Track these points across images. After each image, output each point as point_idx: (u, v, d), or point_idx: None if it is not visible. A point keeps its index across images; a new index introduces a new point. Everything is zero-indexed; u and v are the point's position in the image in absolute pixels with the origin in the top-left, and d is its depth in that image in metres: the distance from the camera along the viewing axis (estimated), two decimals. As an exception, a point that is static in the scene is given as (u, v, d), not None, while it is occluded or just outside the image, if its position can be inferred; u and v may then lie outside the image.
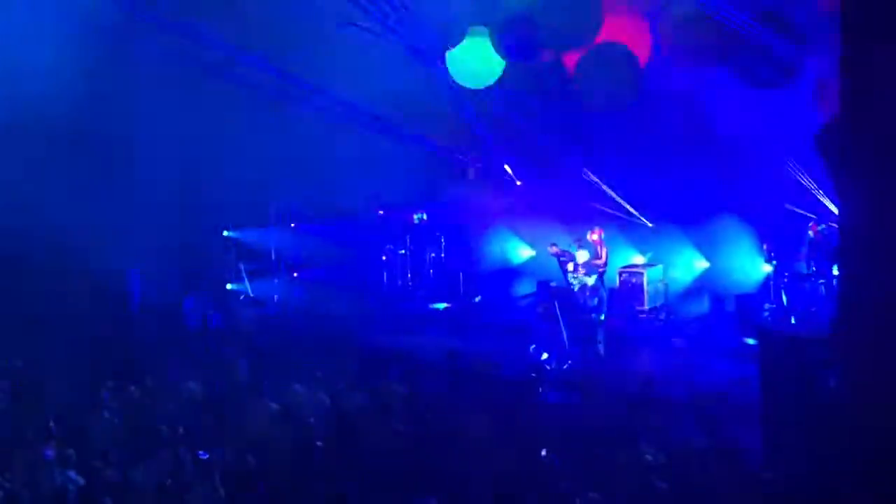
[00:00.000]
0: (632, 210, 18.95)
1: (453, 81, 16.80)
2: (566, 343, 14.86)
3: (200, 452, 9.94)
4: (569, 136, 18.91)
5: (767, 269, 17.22)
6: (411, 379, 12.43)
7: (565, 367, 14.48)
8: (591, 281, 16.57)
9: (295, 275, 20.85)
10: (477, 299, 19.55)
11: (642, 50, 15.59)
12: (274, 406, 11.62)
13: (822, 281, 16.03)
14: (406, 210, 20.79)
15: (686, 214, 18.23)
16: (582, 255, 16.57)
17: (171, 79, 17.50)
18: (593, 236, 17.26)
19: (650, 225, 19.01)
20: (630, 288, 17.45)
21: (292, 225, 20.89)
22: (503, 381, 13.51)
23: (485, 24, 15.92)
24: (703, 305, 17.70)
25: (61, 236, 16.08)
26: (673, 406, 11.71)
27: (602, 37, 15.45)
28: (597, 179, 18.95)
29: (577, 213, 18.79)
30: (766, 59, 14.04)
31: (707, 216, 17.93)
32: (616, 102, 15.60)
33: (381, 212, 21.08)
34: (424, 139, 19.54)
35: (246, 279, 20.11)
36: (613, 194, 18.95)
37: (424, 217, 20.64)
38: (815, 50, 13.91)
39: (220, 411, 11.74)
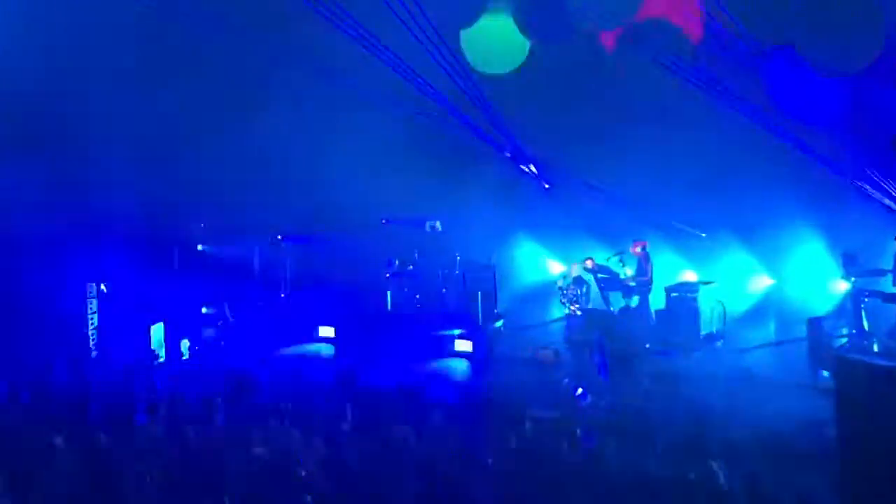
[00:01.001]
0: (681, 218, 19.17)
1: (470, 66, 17.12)
2: (605, 376, 14.86)
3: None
4: (605, 129, 19.03)
5: (844, 286, 17.24)
6: (421, 422, 12.29)
7: (604, 404, 14.17)
8: (633, 302, 16.76)
9: (282, 295, 20.92)
10: (499, 324, 19.57)
11: (693, 27, 15.83)
12: (259, 453, 11.42)
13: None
14: (415, 219, 20.84)
15: (746, 222, 18.34)
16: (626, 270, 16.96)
17: (130, 69, 17.98)
18: (636, 249, 17.59)
19: (703, 235, 19.16)
20: (681, 310, 17.50)
21: (279, 238, 21.03)
22: (530, 423, 13.09)
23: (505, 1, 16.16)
24: (767, 331, 17.82)
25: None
26: (732, 452, 11.30)
27: (646, 12, 15.67)
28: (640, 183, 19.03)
29: (617, 221, 18.89)
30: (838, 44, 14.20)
31: (771, 224, 18.05)
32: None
33: (385, 221, 21.13)
34: (437, 134, 19.79)
35: (225, 303, 19.92)
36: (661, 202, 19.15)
37: (438, 226, 20.66)
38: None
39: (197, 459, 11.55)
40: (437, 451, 11.01)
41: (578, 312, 16.36)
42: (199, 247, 20.67)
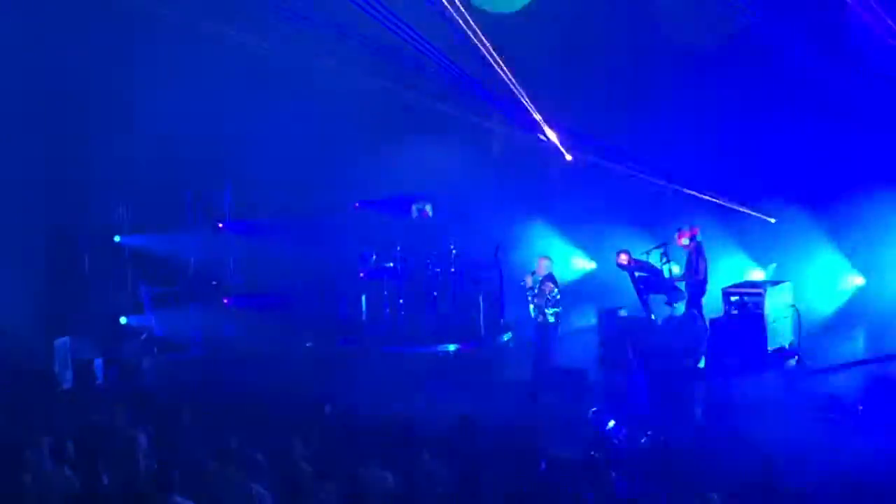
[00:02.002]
0: (741, 197, 18.94)
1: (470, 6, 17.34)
2: (645, 404, 14.71)
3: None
4: (643, 89, 19.09)
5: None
6: (405, 462, 11.86)
7: (644, 441, 13.88)
8: (680, 309, 16.59)
9: (226, 301, 20.62)
10: (506, 338, 19.45)
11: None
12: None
13: None
14: (399, 201, 20.62)
15: (827, 203, 18.28)
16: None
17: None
18: (684, 240, 17.18)
19: (771, 221, 18.97)
20: (743, 318, 17.16)
21: (220, 226, 20.80)
22: (547, 465, 12.47)
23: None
24: (856, 345, 17.67)
25: None
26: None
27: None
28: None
29: (659, 204, 19.12)
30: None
31: (862, 204, 17.91)
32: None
33: (358, 204, 20.94)
34: (428, 94, 19.75)
35: (150, 309, 19.85)
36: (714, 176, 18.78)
37: (428, 210, 20.40)
38: None
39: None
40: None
41: (552, 319, 16.16)
42: (117, 238, 20.23)
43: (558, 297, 16.12)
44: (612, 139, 19.60)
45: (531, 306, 16.22)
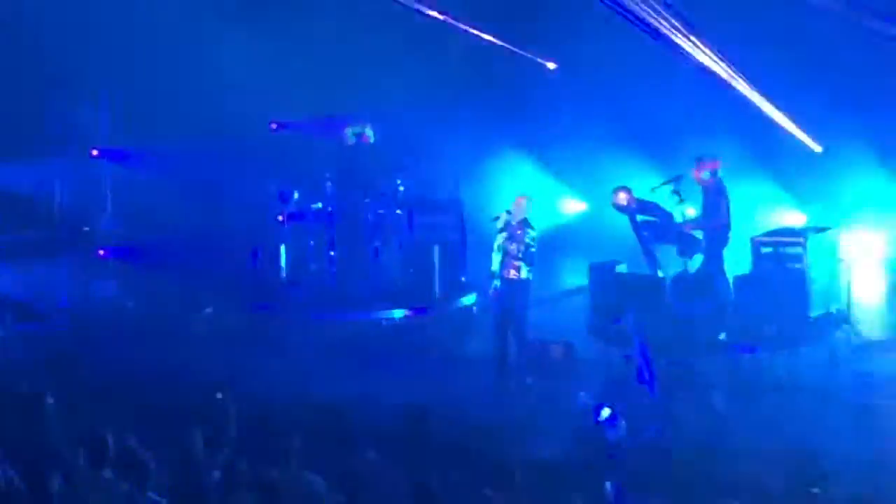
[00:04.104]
0: (781, 118, 18.71)
1: None
2: (650, 389, 14.83)
3: None
4: None
5: None
6: (340, 462, 11.91)
7: (648, 436, 14.26)
8: (696, 263, 16.92)
9: (101, 253, 20.69)
10: (469, 301, 19.56)
11: None
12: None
13: None
14: (329, 122, 20.68)
15: (888, 126, 18.41)
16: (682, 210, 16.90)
17: None
18: (703, 173, 17.25)
19: (817, 149, 18.98)
20: (777, 277, 17.22)
21: (94, 153, 20.84)
22: (524, 467, 12.31)
23: None
24: None
25: None
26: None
27: None
28: (710, 56, 18.42)
29: (668, 124, 19.22)
30: None
31: None
32: None
33: (276, 126, 21.05)
34: None
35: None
36: (744, 86, 18.51)
37: (369, 135, 20.31)
38: None
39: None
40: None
41: (528, 275, 16.40)
42: None
43: (534, 249, 16.22)
44: (607, 40, 19.43)
45: (497, 256, 16.30)
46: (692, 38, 18.22)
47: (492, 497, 10.91)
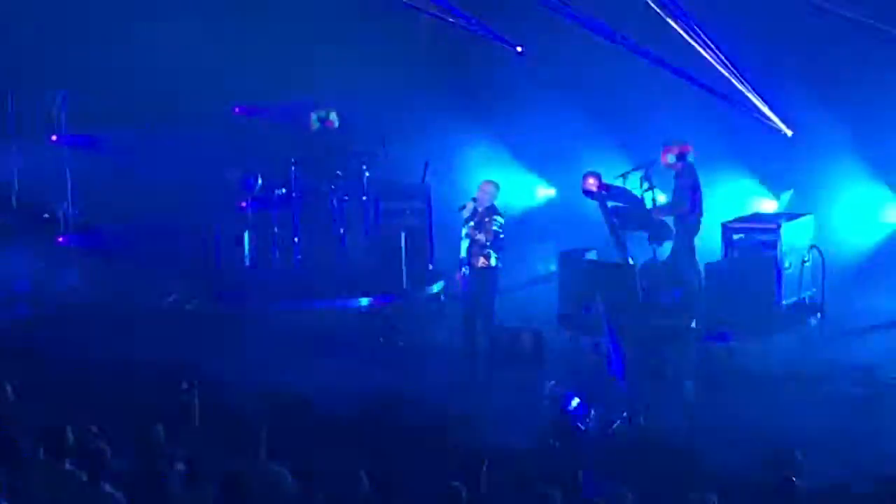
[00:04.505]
0: (753, 99, 18.75)
1: None
2: (620, 378, 14.55)
3: None
4: None
5: None
6: (301, 453, 11.72)
7: (617, 425, 14.24)
8: (665, 250, 16.90)
9: (61, 240, 20.54)
10: (436, 289, 19.51)
11: None
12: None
13: None
14: (293, 107, 20.60)
15: (865, 111, 18.40)
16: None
17: None
18: (669, 157, 17.24)
19: (788, 133, 18.91)
20: (749, 264, 17.29)
21: (53, 139, 20.64)
22: (491, 458, 12.11)
23: None
24: None
25: None
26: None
27: None
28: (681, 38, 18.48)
29: (638, 110, 19.25)
30: None
31: None
32: None
33: (238, 110, 20.92)
34: None
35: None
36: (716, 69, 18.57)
37: (333, 120, 20.31)
38: None
39: None
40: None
41: (496, 262, 16.47)
42: None
43: (502, 235, 16.13)
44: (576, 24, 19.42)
45: (465, 243, 16.22)
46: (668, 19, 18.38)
47: (458, 488, 10.74)
